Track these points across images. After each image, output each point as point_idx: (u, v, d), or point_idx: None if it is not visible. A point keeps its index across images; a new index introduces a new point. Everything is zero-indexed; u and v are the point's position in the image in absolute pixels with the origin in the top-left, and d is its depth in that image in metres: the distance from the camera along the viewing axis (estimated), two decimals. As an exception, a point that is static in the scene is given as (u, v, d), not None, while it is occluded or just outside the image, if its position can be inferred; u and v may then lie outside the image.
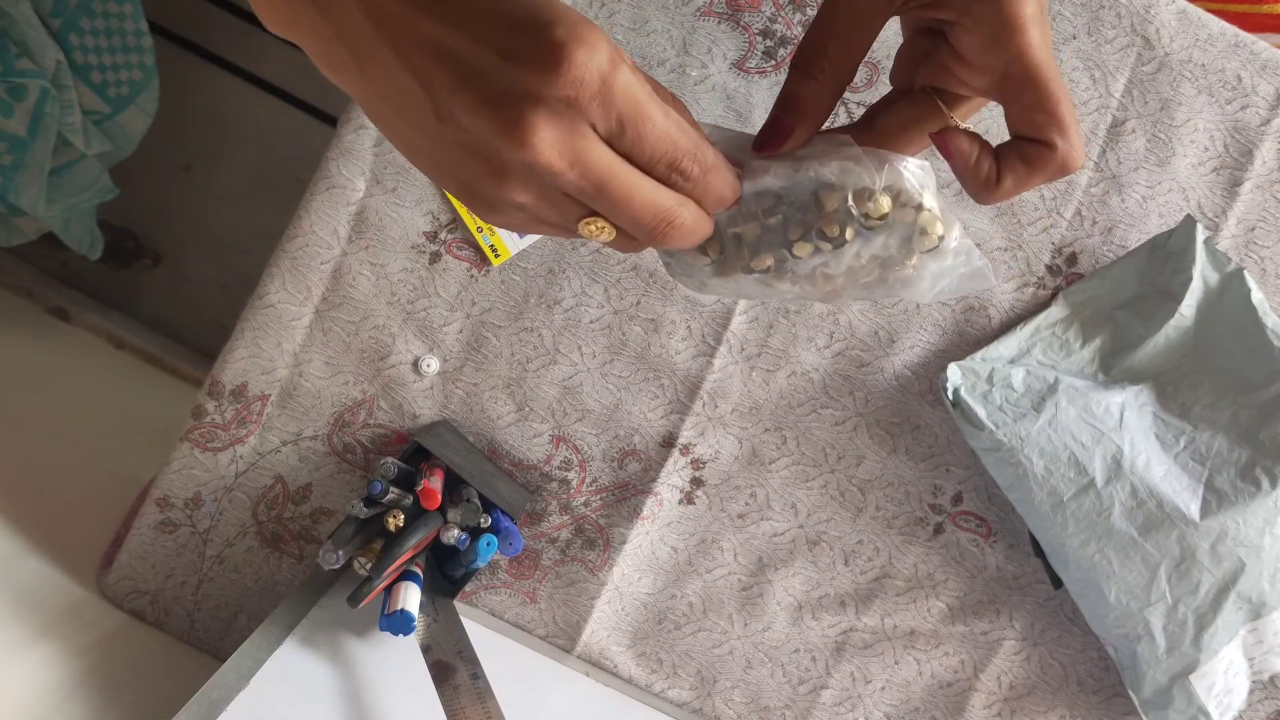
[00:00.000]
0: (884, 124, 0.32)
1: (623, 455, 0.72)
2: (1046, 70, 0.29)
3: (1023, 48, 0.28)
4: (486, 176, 0.27)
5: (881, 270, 0.31)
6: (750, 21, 0.69)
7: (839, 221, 0.29)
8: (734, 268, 0.31)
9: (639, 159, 0.27)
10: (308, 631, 0.62)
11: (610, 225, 0.29)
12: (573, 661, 0.73)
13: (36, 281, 1.33)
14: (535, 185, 0.27)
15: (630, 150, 0.27)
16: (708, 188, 0.28)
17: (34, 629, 0.64)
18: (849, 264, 0.30)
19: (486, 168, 0.27)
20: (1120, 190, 0.70)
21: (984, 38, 0.29)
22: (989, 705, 0.72)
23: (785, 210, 0.30)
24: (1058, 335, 0.69)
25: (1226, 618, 0.63)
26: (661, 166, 0.27)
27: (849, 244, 0.30)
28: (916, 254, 0.30)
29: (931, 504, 0.72)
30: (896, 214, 0.30)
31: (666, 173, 0.27)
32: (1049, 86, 0.29)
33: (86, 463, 0.92)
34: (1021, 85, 0.29)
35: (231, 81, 1.44)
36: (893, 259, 0.30)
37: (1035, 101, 0.29)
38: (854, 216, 0.29)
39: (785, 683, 0.73)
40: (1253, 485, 0.63)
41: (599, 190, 0.27)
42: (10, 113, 0.97)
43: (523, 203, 0.28)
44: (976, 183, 0.30)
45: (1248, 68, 0.69)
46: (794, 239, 0.30)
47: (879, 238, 0.30)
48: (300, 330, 0.70)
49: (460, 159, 0.27)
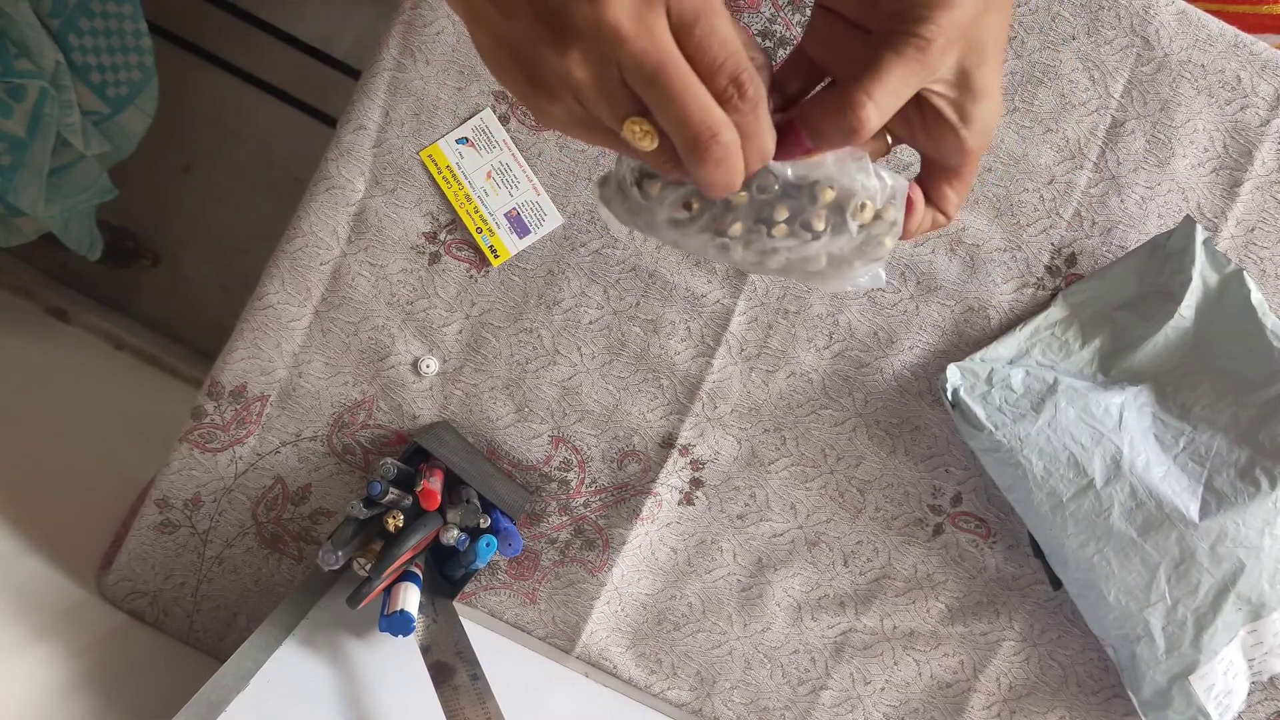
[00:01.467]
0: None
1: (622, 456, 0.72)
2: (975, 174, 0.37)
3: (977, 161, 0.36)
4: (550, 44, 0.27)
5: (828, 265, 0.34)
6: (749, 22, 0.69)
7: (828, 219, 0.32)
8: (705, 227, 0.33)
9: (701, 62, 0.28)
10: (307, 632, 0.62)
11: (654, 131, 0.29)
12: (572, 662, 0.73)
13: (36, 282, 1.33)
14: (595, 57, 0.27)
15: (696, 50, 0.27)
16: (758, 125, 0.30)
17: (34, 629, 0.64)
18: (807, 254, 0.33)
19: (551, 33, 0.27)
20: (1120, 191, 0.70)
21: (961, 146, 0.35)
22: (988, 706, 0.72)
23: (778, 191, 0.32)
24: (1057, 336, 0.69)
25: (1226, 619, 0.63)
26: (723, 78, 0.28)
27: (822, 238, 0.33)
28: (865, 259, 0.34)
29: (931, 505, 0.72)
30: (872, 225, 0.33)
31: (725, 85, 0.28)
32: (970, 183, 0.37)
33: (86, 463, 0.92)
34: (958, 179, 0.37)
35: (231, 82, 1.44)
36: (844, 258, 0.34)
37: (960, 190, 0.37)
38: (845, 220, 0.32)
39: (785, 683, 0.73)
40: (1252, 486, 0.63)
41: (656, 74, 0.27)
42: (9, 113, 0.97)
43: (579, 79, 0.28)
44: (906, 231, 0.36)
45: (1247, 68, 0.69)
46: (779, 220, 0.32)
47: (844, 239, 0.33)
48: (300, 331, 0.70)
49: (529, 23, 0.27)
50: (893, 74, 0.31)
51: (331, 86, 1.43)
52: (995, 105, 0.35)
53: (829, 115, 0.32)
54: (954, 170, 0.36)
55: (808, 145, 0.32)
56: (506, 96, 0.70)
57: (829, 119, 0.32)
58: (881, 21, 0.33)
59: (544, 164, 0.70)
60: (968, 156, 0.36)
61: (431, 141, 0.70)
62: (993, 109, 0.35)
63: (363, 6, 1.53)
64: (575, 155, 0.70)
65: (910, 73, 0.31)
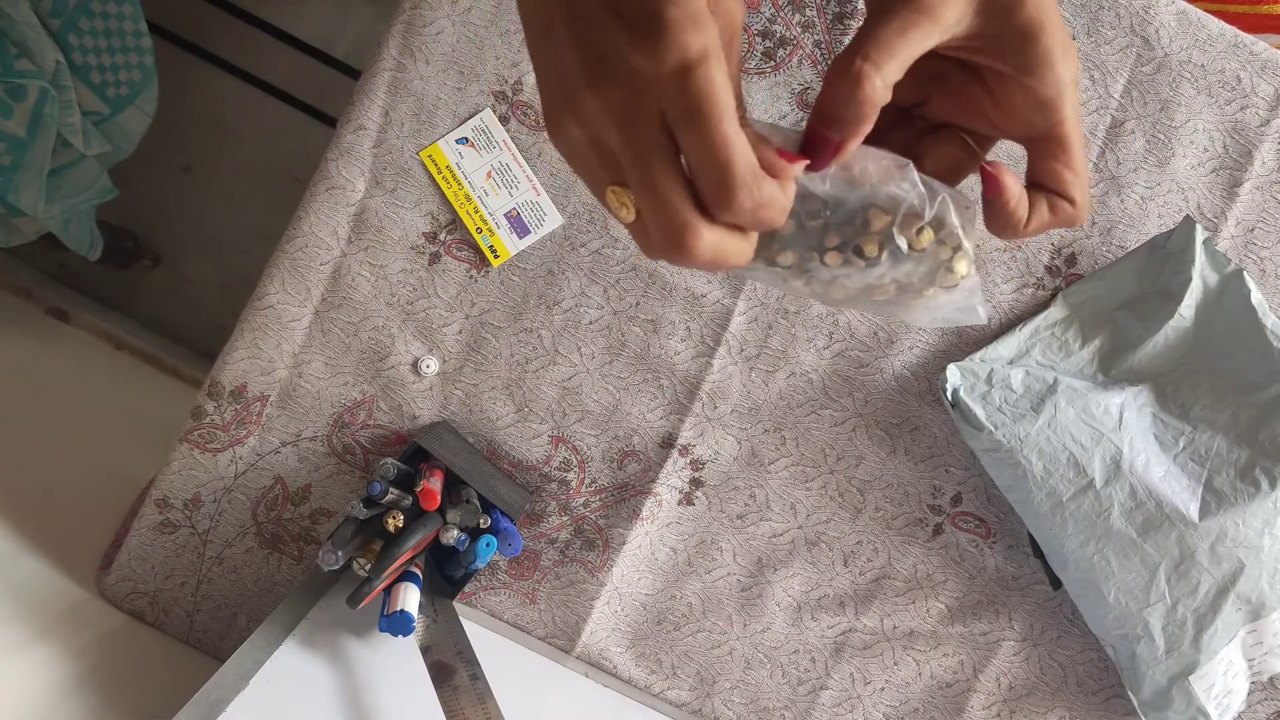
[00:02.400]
0: (933, 167, 0.34)
1: (622, 456, 0.72)
2: (1079, 136, 0.32)
3: (1067, 114, 0.31)
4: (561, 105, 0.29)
5: (897, 293, 0.31)
6: (749, 22, 0.69)
7: (880, 242, 0.30)
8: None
9: (691, 162, 0.27)
10: (307, 632, 0.62)
11: (633, 206, 0.29)
12: (572, 662, 0.73)
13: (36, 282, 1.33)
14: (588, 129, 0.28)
15: (687, 151, 0.27)
16: (757, 220, 0.28)
17: (34, 629, 0.64)
18: (870, 281, 0.31)
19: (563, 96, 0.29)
20: (1119, 191, 0.70)
21: (1035, 97, 0.31)
22: (988, 706, 0.72)
23: (828, 217, 0.30)
24: (1057, 336, 0.69)
25: (1226, 619, 0.63)
26: (707, 185, 0.27)
27: (879, 264, 0.30)
28: (936, 286, 0.31)
29: (931, 505, 0.72)
30: (934, 247, 0.31)
31: (711, 191, 0.27)
32: (1080, 151, 0.32)
33: (86, 463, 0.92)
34: (1059, 146, 0.32)
35: (231, 82, 1.44)
36: (912, 286, 0.31)
37: (1068, 161, 0.32)
38: (895, 241, 0.30)
39: (784, 683, 0.73)
40: (1252, 486, 0.63)
41: (632, 161, 0.28)
42: (10, 113, 0.97)
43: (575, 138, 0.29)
44: (1007, 221, 0.32)
45: (1247, 68, 0.69)
46: (830, 246, 0.31)
47: (908, 264, 0.31)
48: (300, 331, 0.70)
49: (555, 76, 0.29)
50: (889, 30, 0.29)
51: (331, 86, 1.43)
52: (1053, 39, 0.30)
53: (834, 95, 0.29)
54: (1049, 137, 0.32)
55: (835, 140, 0.30)
56: (506, 96, 0.70)
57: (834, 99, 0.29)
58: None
59: (544, 164, 0.70)
60: (1050, 110, 0.31)
61: (431, 141, 0.70)
62: (1052, 44, 0.30)
63: (363, 6, 1.53)
64: (575, 155, 0.70)
65: (909, 25, 0.29)
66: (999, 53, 0.31)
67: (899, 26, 0.29)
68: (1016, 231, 0.32)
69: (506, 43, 0.69)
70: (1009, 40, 0.30)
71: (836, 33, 0.69)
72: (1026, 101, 0.31)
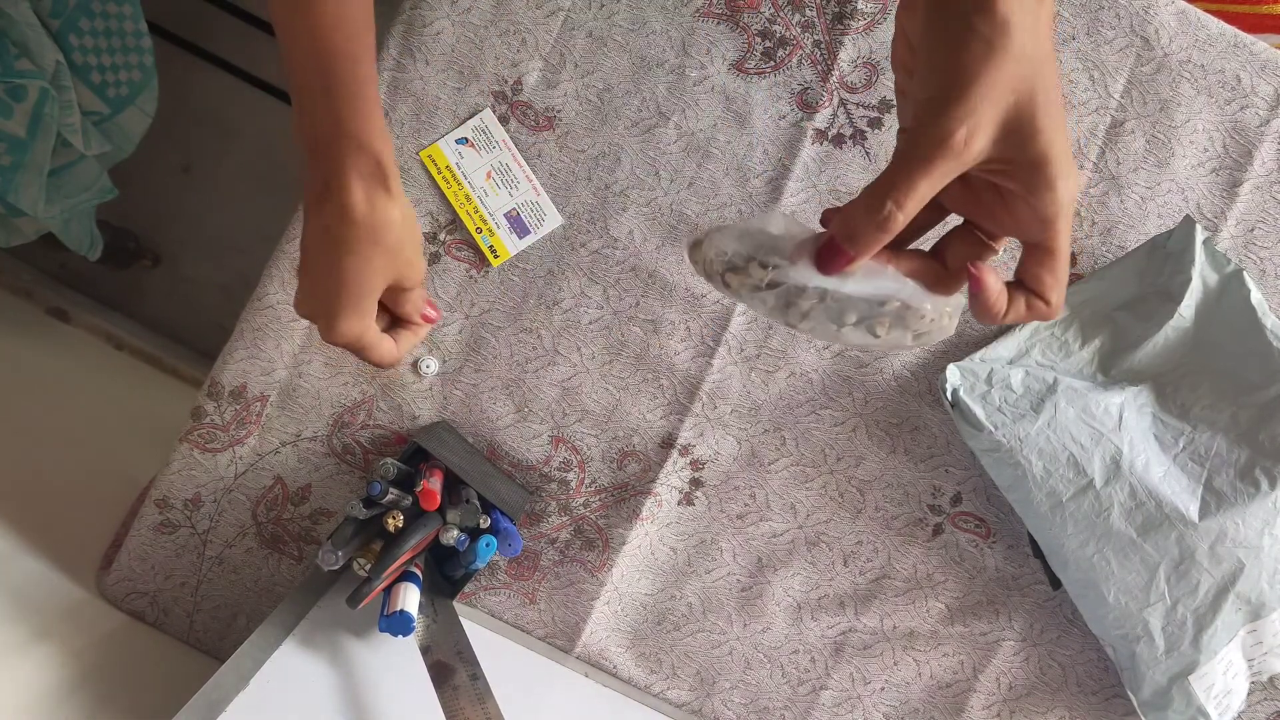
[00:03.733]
0: (953, 260, 0.39)
1: (622, 456, 0.72)
2: (1067, 247, 0.37)
3: (1060, 230, 0.36)
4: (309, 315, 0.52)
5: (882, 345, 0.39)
6: (749, 22, 0.69)
7: (890, 324, 0.38)
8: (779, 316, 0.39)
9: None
10: (307, 632, 0.62)
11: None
12: (572, 662, 0.73)
13: (36, 282, 1.33)
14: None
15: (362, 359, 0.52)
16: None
17: (33, 630, 0.64)
18: (869, 344, 0.39)
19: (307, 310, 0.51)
20: (1119, 191, 0.70)
21: (1036, 214, 0.35)
22: (988, 706, 0.72)
23: (846, 302, 0.38)
24: (1057, 336, 0.69)
25: (1225, 619, 0.64)
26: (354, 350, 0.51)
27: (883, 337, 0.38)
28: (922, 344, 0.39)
29: (930, 505, 0.72)
30: (929, 328, 0.38)
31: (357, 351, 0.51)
32: (1064, 260, 0.37)
33: (86, 463, 0.92)
34: (1047, 254, 0.37)
35: (231, 82, 1.44)
36: (901, 344, 0.39)
37: (1052, 268, 0.37)
38: (903, 326, 0.38)
39: (784, 683, 0.73)
40: (1252, 486, 0.63)
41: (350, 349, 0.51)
42: (10, 113, 0.97)
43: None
44: (986, 310, 0.38)
45: (1247, 68, 0.69)
46: (848, 322, 0.38)
47: (904, 336, 0.39)
48: (299, 331, 0.70)
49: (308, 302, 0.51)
50: (917, 173, 0.33)
51: (331, 86, 1.42)
52: (1059, 167, 0.34)
53: (860, 224, 0.35)
54: (1042, 246, 0.37)
55: (850, 255, 0.35)
56: (506, 96, 0.70)
57: (860, 226, 0.35)
58: (913, 113, 0.35)
59: (544, 164, 0.70)
60: (1047, 226, 0.36)
61: (431, 141, 0.70)
62: (1057, 171, 0.34)
63: (363, 6, 1.53)
64: (575, 156, 0.70)
65: (935, 168, 0.33)
66: (1011, 175, 0.35)
67: (926, 169, 0.33)
68: (995, 320, 0.38)
69: (506, 43, 0.69)
70: (1021, 167, 0.34)
71: (836, 32, 0.69)
72: (1029, 215, 0.36)
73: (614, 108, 0.70)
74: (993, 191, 0.37)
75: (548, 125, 0.70)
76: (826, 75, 0.70)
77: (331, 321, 0.48)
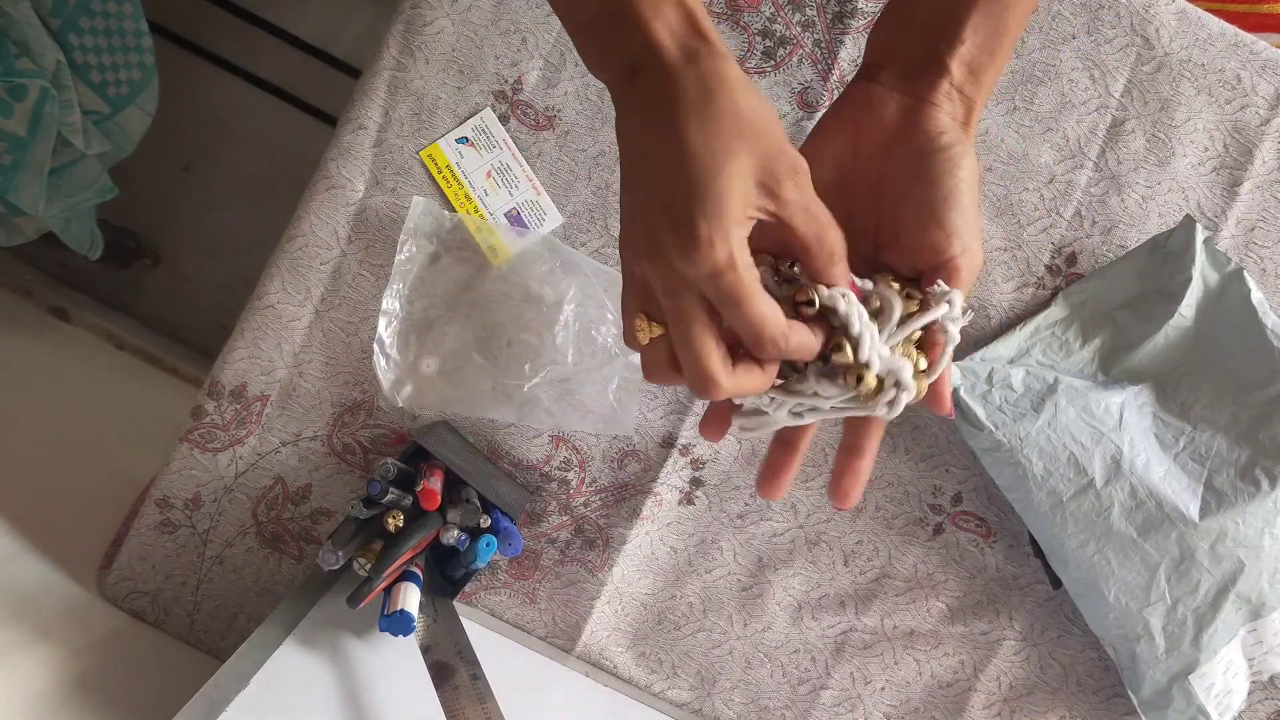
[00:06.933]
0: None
1: (622, 455, 0.72)
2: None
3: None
4: (625, 245, 0.37)
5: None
6: (749, 22, 0.69)
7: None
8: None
9: (731, 325, 0.34)
10: (307, 632, 0.62)
11: (649, 336, 0.37)
12: (572, 662, 0.73)
13: (36, 281, 1.33)
14: (641, 274, 0.36)
15: (726, 318, 0.34)
16: (789, 353, 0.35)
17: (34, 629, 0.64)
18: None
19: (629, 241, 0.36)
20: (1120, 190, 0.70)
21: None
22: (989, 705, 0.72)
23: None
24: (1057, 335, 0.69)
25: (1226, 618, 0.63)
26: (745, 339, 0.35)
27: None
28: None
29: (931, 504, 0.72)
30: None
31: (749, 344, 0.35)
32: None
33: (86, 463, 0.92)
34: None
35: (231, 81, 1.44)
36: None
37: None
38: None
39: (785, 683, 0.73)
40: (1252, 486, 0.63)
41: (674, 320, 0.34)
42: (10, 113, 0.97)
43: (633, 271, 0.36)
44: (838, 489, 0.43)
45: (1247, 68, 0.69)
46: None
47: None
48: (300, 331, 0.70)
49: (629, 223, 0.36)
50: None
51: (331, 86, 1.43)
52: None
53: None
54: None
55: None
56: (506, 96, 0.70)
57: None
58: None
59: (544, 164, 0.70)
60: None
61: (431, 141, 0.70)
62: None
63: (363, 6, 1.53)
64: (575, 155, 0.70)
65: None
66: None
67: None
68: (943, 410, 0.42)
69: (506, 42, 0.69)
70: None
71: (837, 32, 0.69)
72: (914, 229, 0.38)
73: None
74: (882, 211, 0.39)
75: (548, 124, 0.70)
76: (827, 74, 0.70)
77: (685, 235, 0.32)
